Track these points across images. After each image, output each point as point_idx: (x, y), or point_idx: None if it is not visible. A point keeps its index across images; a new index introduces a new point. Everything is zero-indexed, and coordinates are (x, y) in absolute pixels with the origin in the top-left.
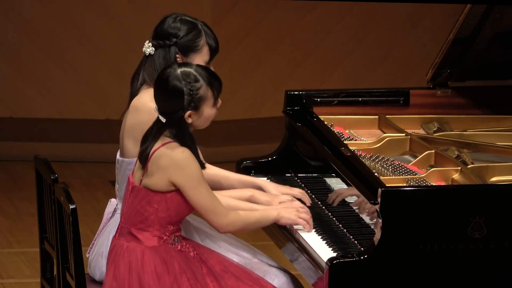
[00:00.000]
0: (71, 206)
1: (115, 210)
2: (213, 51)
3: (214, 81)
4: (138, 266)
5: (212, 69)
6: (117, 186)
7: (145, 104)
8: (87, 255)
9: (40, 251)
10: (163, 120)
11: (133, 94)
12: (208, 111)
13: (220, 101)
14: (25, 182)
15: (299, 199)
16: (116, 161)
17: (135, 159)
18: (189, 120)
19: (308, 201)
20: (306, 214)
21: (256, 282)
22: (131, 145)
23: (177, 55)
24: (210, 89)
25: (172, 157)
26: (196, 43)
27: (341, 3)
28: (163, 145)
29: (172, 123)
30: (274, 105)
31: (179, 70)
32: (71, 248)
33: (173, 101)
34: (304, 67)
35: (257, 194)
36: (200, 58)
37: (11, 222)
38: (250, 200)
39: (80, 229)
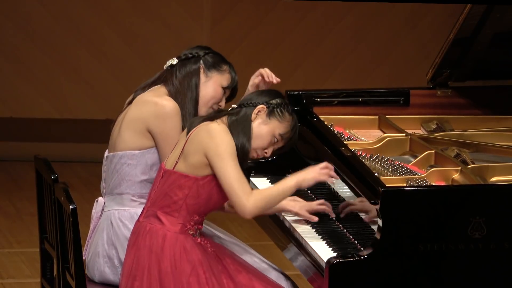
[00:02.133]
0: (71, 206)
1: (103, 209)
2: (234, 84)
3: (294, 130)
4: (158, 250)
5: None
6: (103, 184)
7: (152, 100)
8: (84, 257)
9: (40, 251)
10: (235, 106)
11: (137, 93)
12: (265, 130)
13: (270, 151)
14: (25, 182)
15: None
16: (104, 158)
17: (128, 151)
18: (253, 117)
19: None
20: (326, 168)
21: (269, 283)
22: (129, 136)
23: (201, 65)
24: (289, 118)
25: (208, 128)
26: (221, 65)
27: (341, 3)
28: (204, 125)
29: (242, 109)
30: None
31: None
32: (71, 248)
33: (263, 96)
34: (304, 67)
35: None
36: (220, 79)
37: (11, 222)
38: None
39: (80, 229)
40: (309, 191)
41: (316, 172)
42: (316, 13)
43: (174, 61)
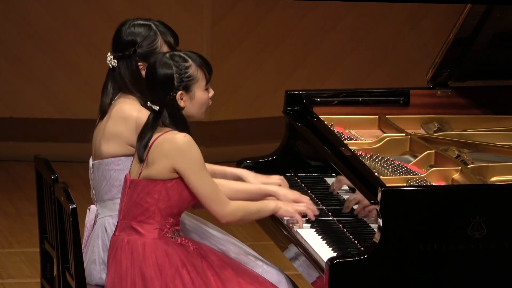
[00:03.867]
0: (71, 206)
1: (96, 216)
2: (173, 47)
3: (203, 62)
4: (139, 258)
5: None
6: (93, 192)
7: (131, 114)
8: None
9: (40, 251)
10: (156, 108)
11: (104, 105)
12: (200, 94)
13: (212, 91)
14: (25, 182)
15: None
16: (90, 166)
17: (113, 158)
18: (181, 103)
19: (311, 215)
20: (303, 208)
21: (254, 279)
22: (112, 148)
23: (139, 63)
24: (200, 69)
25: (174, 142)
26: (154, 46)
27: (341, 3)
28: (163, 133)
29: (165, 108)
30: (274, 105)
31: (167, 54)
32: (71, 248)
33: (164, 85)
34: (304, 67)
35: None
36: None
37: (11, 222)
38: (259, 192)
39: (80, 229)
40: (309, 191)
41: (294, 209)
42: (316, 13)
43: (112, 61)
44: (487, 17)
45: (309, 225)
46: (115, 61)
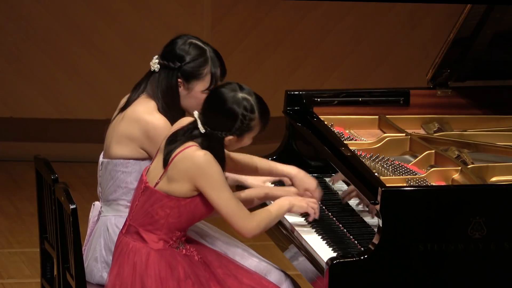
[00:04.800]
0: (72, 206)
1: (99, 213)
2: (216, 80)
3: (266, 116)
4: (142, 268)
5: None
6: (99, 189)
7: (143, 117)
8: None
9: (40, 251)
10: (203, 130)
11: (129, 101)
12: (247, 140)
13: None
14: (25, 182)
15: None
16: (100, 163)
17: (122, 160)
18: (227, 143)
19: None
20: (314, 204)
21: (258, 283)
22: (122, 150)
23: (179, 80)
24: (260, 123)
25: (194, 160)
26: (200, 71)
27: (341, 3)
28: (185, 148)
29: (210, 137)
30: (274, 105)
31: (240, 95)
32: (71, 248)
33: (224, 120)
34: (304, 67)
35: (273, 191)
36: (202, 85)
37: (11, 222)
38: (265, 198)
39: (80, 229)
40: None
41: (307, 204)
42: (316, 13)
43: (156, 65)
44: (487, 17)
45: (310, 225)
46: (158, 66)
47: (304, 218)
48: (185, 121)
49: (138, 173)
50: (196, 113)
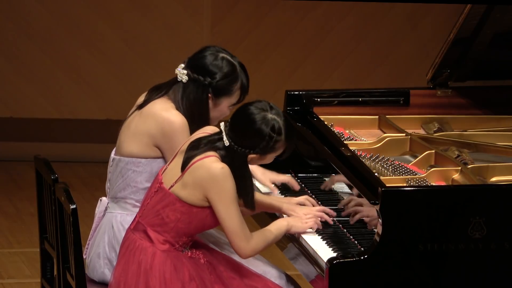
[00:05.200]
0: (72, 206)
1: (106, 209)
2: (244, 96)
3: (292, 139)
4: (147, 267)
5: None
6: (108, 185)
7: (160, 114)
8: (84, 257)
9: (40, 251)
10: (227, 143)
11: (146, 100)
12: (269, 159)
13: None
14: (25, 182)
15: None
16: (111, 159)
17: (134, 158)
18: (249, 159)
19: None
20: (311, 221)
21: (265, 285)
22: (135, 147)
23: (209, 95)
24: (285, 144)
25: (210, 170)
26: (231, 88)
27: (341, 3)
28: (205, 157)
29: (232, 151)
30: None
31: (270, 116)
32: (71, 248)
33: (250, 139)
34: (304, 67)
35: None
36: (230, 100)
37: (11, 222)
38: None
39: (80, 229)
40: (309, 191)
41: (304, 224)
42: (316, 13)
43: (184, 77)
44: (487, 17)
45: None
46: (187, 78)
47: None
48: (208, 129)
49: (149, 173)
50: (222, 125)
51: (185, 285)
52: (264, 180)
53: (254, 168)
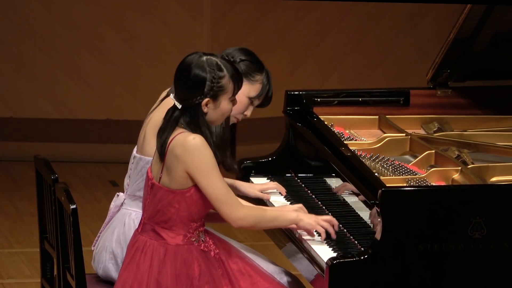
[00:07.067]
0: (72, 206)
1: (121, 205)
2: (260, 94)
3: (236, 75)
4: (159, 265)
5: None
6: (127, 181)
7: None
8: (92, 248)
9: (40, 251)
10: (179, 106)
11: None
12: (225, 104)
13: (236, 100)
14: (25, 182)
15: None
16: (132, 157)
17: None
18: (205, 109)
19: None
20: (326, 223)
21: (271, 283)
22: (154, 142)
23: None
24: (232, 82)
25: (184, 144)
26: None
27: (341, 3)
28: (178, 134)
29: (187, 110)
30: (274, 105)
31: (204, 58)
32: (71, 248)
33: (193, 87)
34: (304, 67)
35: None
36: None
37: (11, 222)
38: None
39: (80, 229)
40: (309, 191)
41: (316, 221)
42: (316, 13)
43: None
44: (487, 17)
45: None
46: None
47: (317, 234)
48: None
49: None
50: (172, 95)
51: (193, 281)
52: (253, 191)
53: (240, 184)
